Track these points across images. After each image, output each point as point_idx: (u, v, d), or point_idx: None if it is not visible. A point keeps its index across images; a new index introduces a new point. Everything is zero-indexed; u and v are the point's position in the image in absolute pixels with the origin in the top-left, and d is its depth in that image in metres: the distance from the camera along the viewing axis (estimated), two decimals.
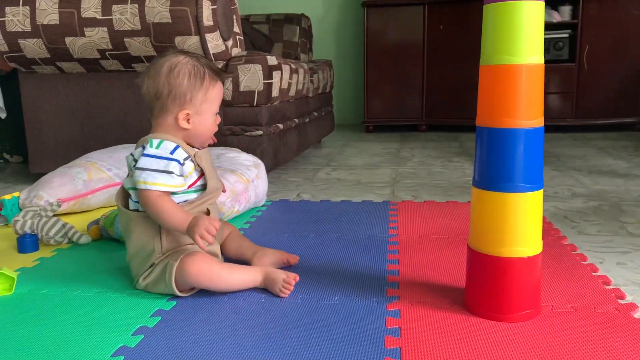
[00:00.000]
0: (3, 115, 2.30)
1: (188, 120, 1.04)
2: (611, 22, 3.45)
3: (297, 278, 1.03)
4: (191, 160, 1.04)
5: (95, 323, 0.93)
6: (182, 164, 1.02)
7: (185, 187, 1.04)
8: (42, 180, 1.64)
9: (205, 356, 0.81)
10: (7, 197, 1.55)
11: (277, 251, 1.16)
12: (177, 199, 1.04)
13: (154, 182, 0.99)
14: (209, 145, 1.11)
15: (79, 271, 1.18)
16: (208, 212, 1.07)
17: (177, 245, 1.04)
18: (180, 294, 1.00)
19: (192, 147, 1.06)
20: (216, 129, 1.09)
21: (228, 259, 1.17)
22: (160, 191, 1.00)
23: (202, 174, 1.07)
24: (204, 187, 1.07)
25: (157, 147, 1.01)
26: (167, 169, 1.00)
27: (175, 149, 1.02)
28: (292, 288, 1.02)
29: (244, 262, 1.14)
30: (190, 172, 1.04)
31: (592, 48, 3.48)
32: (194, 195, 1.06)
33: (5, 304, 1.02)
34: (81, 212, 1.68)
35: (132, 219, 1.04)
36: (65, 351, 0.84)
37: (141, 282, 1.04)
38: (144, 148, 1.02)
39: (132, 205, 1.05)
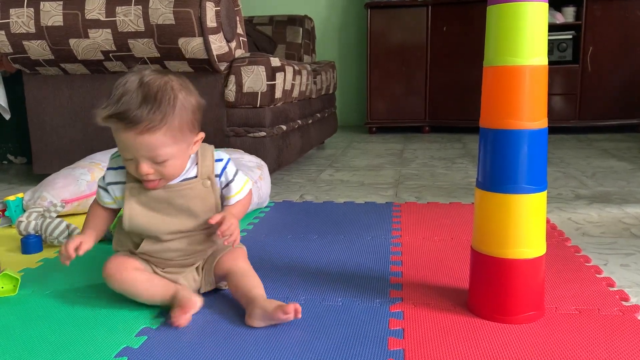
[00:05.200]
0: (7, 116, 2.31)
1: None
2: (615, 24, 3.44)
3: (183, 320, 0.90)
4: (122, 187, 0.97)
5: (99, 324, 0.93)
6: (107, 184, 0.98)
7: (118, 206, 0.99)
8: (45, 181, 1.64)
9: (208, 357, 0.81)
10: (11, 198, 1.55)
11: (270, 305, 0.90)
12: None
13: (97, 193, 1.01)
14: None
15: (82, 272, 1.18)
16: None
17: (120, 246, 1.02)
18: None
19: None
20: (139, 175, 0.91)
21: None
22: (95, 199, 1.01)
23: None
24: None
25: (111, 158, 1.00)
26: (101, 184, 1.00)
27: (116, 168, 0.98)
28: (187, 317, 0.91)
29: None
30: (119, 197, 0.98)
31: (595, 49, 3.47)
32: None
33: (9, 304, 1.02)
34: (85, 213, 1.68)
35: None
36: (68, 352, 0.84)
37: None
38: None
39: None
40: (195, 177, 0.97)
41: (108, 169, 0.99)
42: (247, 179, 1.03)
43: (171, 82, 0.90)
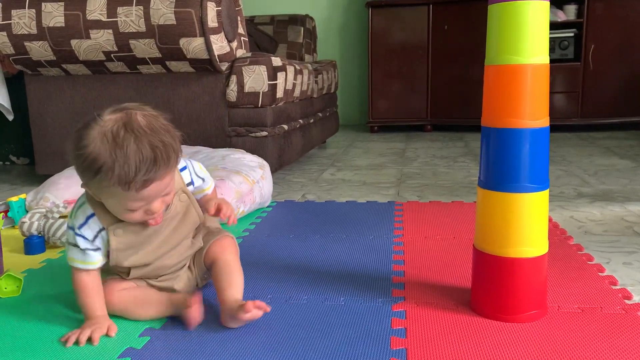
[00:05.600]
0: (10, 117, 2.31)
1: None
2: (617, 21, 3.43)
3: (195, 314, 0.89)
4: (104, 234, 0.90)
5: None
6: (92, 240, 0.89)
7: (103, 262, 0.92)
8: (48, 182, 1.65)
9: (211, 357, 0.81)
10: (14, 199, 1.55)
11: (234, 306, 0.89)
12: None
13: (71, 258, 0.91)
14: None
15: None
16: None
17: (115, 264, 0.94)
18: None
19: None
20: (145, 219, 0.87)
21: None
22: (79, 268, 0.90)
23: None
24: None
25: (71, 216, 0.90)
26: (79, 246, 0.89)
27: (85, 221, 0.89)
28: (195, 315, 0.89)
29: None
30: (103, 245, 0.91)
31: (597, 47, 3.47)
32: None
33: (12, 305, 1.02)
34: None
35: None
36: (72, 352, 0.84)
37: None
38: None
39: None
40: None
41: (80, 226, 0.89)
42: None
43: (150, 116, 0.83)
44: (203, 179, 1.00)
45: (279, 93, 2.04)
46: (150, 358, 0.82)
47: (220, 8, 1.85)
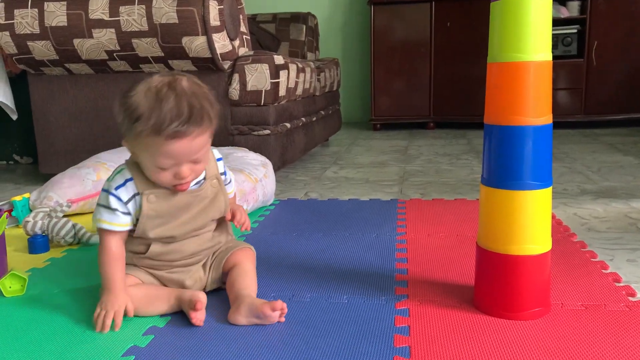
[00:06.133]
0: (14, 117, 2.32)
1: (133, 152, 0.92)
2: (620, 17, 3.42)
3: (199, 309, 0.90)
4: (138, 199, 0.93)
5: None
6: (126, 203, 0.92)
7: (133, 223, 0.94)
8: (51, 181, 1.65)
9: (215, 356, 0.81)
10: (18, 198, 1.56)
11: (257, 301, 0.92)
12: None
13: (98, 219, 0.93)
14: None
15: (90, 271, 1.18)
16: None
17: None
18: None
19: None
20: (173, 182, 0.90)
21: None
22: (104, 229, 0.92)
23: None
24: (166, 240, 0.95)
25: (110, 179, 0.94)
26: (110, 206, 0.92)
27: (123, 183, 0.92)
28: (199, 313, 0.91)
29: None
30: (136, 211, 0.94)
31: (600, 43, 3.45)
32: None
33: (17, 304, 1.03)
34: (91, 212, 1.68)
35: None
36: (76, 351, 0.84)
37: None
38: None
39: None
40: (204, 179, 0.98)
41: (117, 187, 0.92)
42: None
43: (194, 83, 0.89)
44: (230, 181, 1.06)
45: (282, 91, 2.04)
46: (154, 356, 0.82)
47: (222, 6, 1.85)
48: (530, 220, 0.88)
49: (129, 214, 0.93)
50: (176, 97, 0.84)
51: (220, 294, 1.03)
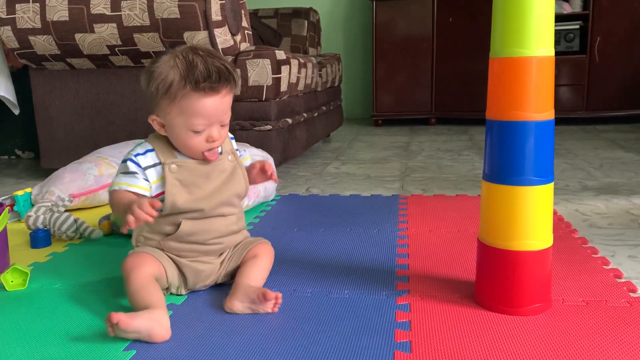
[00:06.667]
0: (16, 112, 2.32)
1: (162, 126, 0.96)
2: (623, 13, 3.41)
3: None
4: (159, 168, 0.96)
5: None
6: (144, 169, 0.95)
7: (151, 193, 0.96)
8: (53, 175, 1.65)
9: (216, 350, 0.82)
10: (20, 192, 1.56)
11: (254, 289, 0.94)
12: None
13: (116, 183, 0.95)
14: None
15: (91, 266, 1.19)
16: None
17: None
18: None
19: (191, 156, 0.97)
20: (205, 147, 0.95)
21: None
22: (120, 190, 0.95)
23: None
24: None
25: (129, 152, 0.97)
26: (129, 170, 0.95)
27: (144, 153, 0.96)
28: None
29: None
30: (154, 182, 0.96)
31: (603, 39, 3.44)
32: None
33: (19, 298, 1.03)
34: (92, 207, 1.69)
35: None
36: (78, 345, 0.84)
37: None
38: None
39: None
40: (220, 153, 1.01)
41: (136, 155, 0.96)
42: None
43: (212, 51, 0.96)
44: (244, 151, 1.10)
45: (283, 86, 2.03)
46: (155, 349, 0.82)
47: (224, 1, 1.84)
48: (532, 216, 0.88)
49: (147, 180, 0.95)
50: (203, 59, 0.91)
51: (226, 287, 1.03)
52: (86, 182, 1.64)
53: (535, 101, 0.85)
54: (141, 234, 1.01)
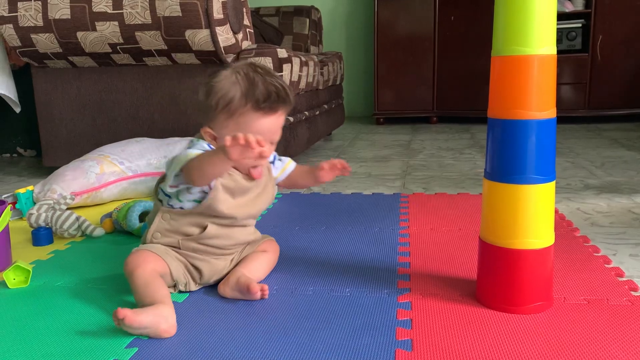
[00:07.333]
0: (18, 110, 2.32)
1: (214, 138, 0.97)
2: (625, 12, 3.40)
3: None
4: None
5: (110, 315, 0.93)
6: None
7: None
8: (55, 174, 1.66)
9: (218, 346, 0.82)
10: (22, 190, 1.56)
11: (243, 279, 0.98)
12: (175, 204, 1.00)
13: (190, 153, 0.93)
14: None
15: (93, 263, 1.19)
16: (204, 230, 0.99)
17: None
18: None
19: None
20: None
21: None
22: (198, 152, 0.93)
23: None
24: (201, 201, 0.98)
25: (190, 146, 0.97)
26: (200, 147, 0.96)
27: (208, 146, 0.97)
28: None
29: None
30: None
31: (605, 38, 3.44)
32: (188, 205, 0.99)
33: (21, 296, 1.03)
34: (94, 205, 1.70)
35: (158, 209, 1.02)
36: (80, 342, 0.85)
37: None
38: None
39: (160, 195, 1.03)
40: None
41: (206, 144, 0.96)
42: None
43: (270, 69, 0.99)
44: (280, 159, 1.12)
45: None
46: (157, 346, 0.82)
47: (225, 0, 1.84)
48: (533, 215, 0.88)
49: None
50: (263, 78, 0.94)
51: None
52: (88, 180, 1.64)
53: (537, 100, 0.85)
54: (158, 230, 1.01)
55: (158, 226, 1.01)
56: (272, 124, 0.95)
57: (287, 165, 1.12)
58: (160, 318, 0.85)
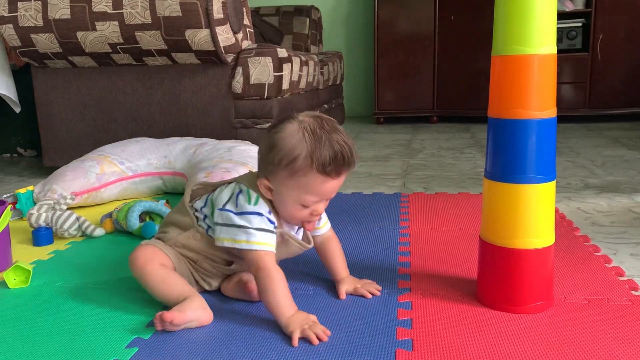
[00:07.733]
0: (18, 110, 2.32)
1: (270, 190, 0.91)
2: (625, 11, 3.40)
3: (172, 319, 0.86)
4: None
5: (110, 315, 0.94)
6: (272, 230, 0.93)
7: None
8: (55, 174, 1.66)
9: (218, 348, 0.82)
10: (22, 190, 1.56)
11: (245, 279, 0.99)
12: (208, 226, 0.98)
13: (261, 242, 0.90)
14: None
15: (93, 263, 1.19)
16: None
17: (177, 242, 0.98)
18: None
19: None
20: (307, 219, 0.93)
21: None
22: (265, 251, 0.90)
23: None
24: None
25: (255, 203, 0.91)
26: (268, 228, 0.91)
27: (269, 213, 0.92)
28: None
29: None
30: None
31: (605, 37, 3.43)
32: None
33: (21, 296, 1.03)
34: (94, 205, 1.70)
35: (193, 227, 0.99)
36: (80, 343, 0.85)
37: None
38: (238, 195, 0.92)
39: (203, 225, 0.98)
40: None
41: (269, 212, 0.92)
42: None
43: (332, 120, 0.92)
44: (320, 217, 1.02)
45: (285, 84, 2.03)
46: (157, 347, 0.82)
47: (225, 0, 1.84)
48: (534, 214, 0.88)
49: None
50: (329, 136, 0.87)
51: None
52: (88, 180, 1.64)
53: (537, 99, 0.85)
54: (186, 246, 0.98)
55: (187, 243, 0.98)
56: (334, 186, 0.90)
57: (320, 227, 1.04)
58: (200, 310, 0.89)
